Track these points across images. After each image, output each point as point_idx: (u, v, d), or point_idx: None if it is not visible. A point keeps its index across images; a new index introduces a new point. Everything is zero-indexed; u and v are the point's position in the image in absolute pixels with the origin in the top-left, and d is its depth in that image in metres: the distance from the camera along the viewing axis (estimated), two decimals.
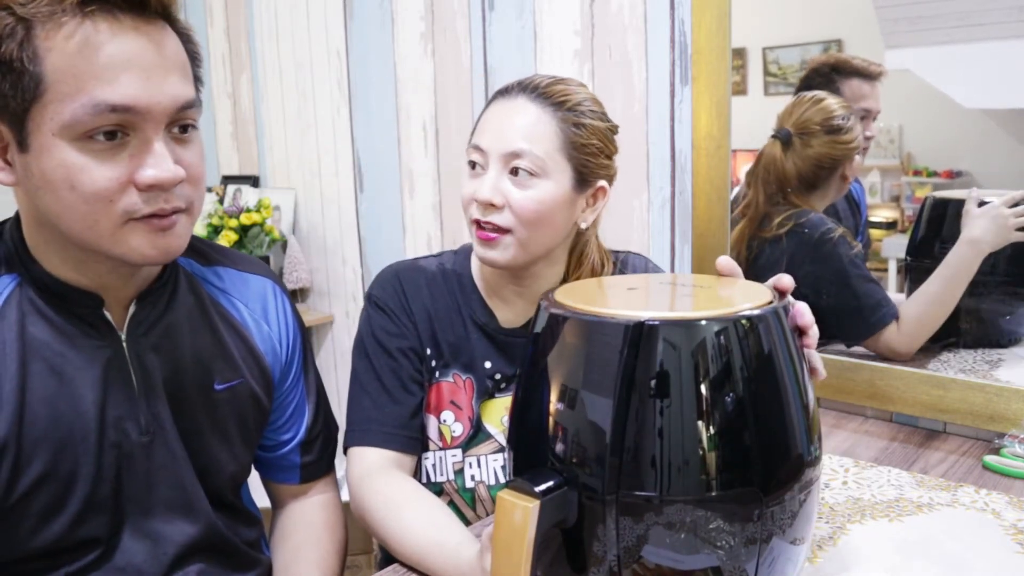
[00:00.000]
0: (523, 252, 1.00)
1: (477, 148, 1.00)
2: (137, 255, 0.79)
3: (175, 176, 0.77)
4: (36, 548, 0.84)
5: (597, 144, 1.00)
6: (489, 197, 0.97)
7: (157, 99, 0.75)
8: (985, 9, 1.14)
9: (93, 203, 0.75)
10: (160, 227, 0.79)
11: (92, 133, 0.74)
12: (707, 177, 1.37)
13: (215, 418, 0.94)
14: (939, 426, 1.24)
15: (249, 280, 1.01)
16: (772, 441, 0.63)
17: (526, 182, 0.97)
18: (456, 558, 0.84)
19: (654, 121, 1.45)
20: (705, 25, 1.33)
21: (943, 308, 1.25)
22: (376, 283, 1.11)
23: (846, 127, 1.30)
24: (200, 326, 0.94)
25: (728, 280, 0.76)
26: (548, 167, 0.97)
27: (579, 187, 1.01)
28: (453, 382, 1.08)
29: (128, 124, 0.75)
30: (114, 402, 0.85)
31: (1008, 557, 0.84)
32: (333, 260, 2.23)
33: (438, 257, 1.14)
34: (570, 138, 0.98)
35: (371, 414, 1.04)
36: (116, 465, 0.86)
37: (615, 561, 0.62)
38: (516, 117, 0.98)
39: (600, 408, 0.61)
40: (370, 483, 0.99)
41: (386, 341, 1.06)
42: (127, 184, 0.76)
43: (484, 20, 1.70)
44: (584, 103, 1.00)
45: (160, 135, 0.77)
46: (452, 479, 1.07)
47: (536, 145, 0.97)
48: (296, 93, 2.21)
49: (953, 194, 1.24)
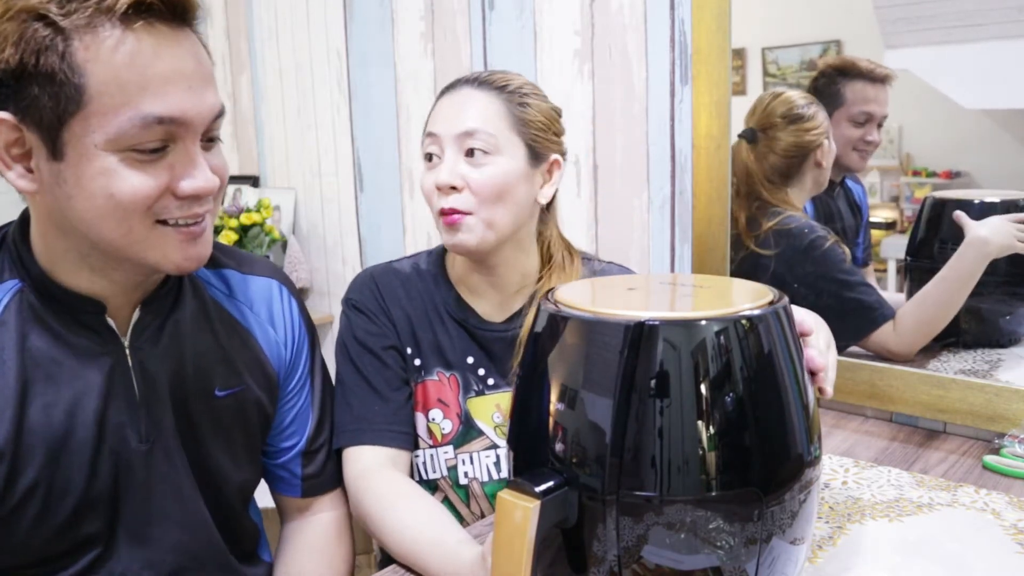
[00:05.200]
0: (490, 232, 1.02)
1: (431, 135, 1.04)
2: (170, 264, 0.80)
3: (213, 186, 0.79)
4: (29, 554, 0.83)
5: (543, 120, 1.05)
6: (448, 180, 1.00)
7: (199, 109, 0.77)
8: (985, 9, 1.14)
9: (130, 210, 0.76)
10: (191, 235, 0.80)
11: (138, 146, 0.74)
12: (707, 177, 1.37)
13: (217, 425, 0.92)
14: (939, 426, 1.24)
15: (255, 282, 1.00)
16: (772, 441, 0.63)
17: (482, 160, 1.01)
18: (455, 557, 0.84)
19: (654, 121, 1.45)
20: (705, 25, 1.33)
21: (945, 311, 1.24)
22: (352, 287, 1.12)
23: (808, 115, 1.31)
24: (203, 331, 0.93)
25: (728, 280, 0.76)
26: (500, 144, 1.01)
27: (533, 161, 1.05)
28: (438, 380, 1.08)
29: (172, 135, 0.76)
30: (115, 409, 0.85)
31: (1008, 557, 0.84)
32: (333, 260, 2.23)
33: (412, 258, 1.16)
34: (517, 115, 1.03)
35: (360, 413, 1.04)
36: (114, 472, 0.85)
37: (615, 561, 0.62)
38: (466, 104, 1.03)
39: (600, 408, 0.61)
40: (366, 482, 0.99)
41: (368, 341, 1.07)
42: (166, 192, 0.77)
43: (484, 20, 1.70)
44: (525, 86, 1.06)
45: (197, 145, 0.78)
46: (446, 476, 1.08)
47: (487, 124, 1.01)
48: (296, 93, 2.21)
49: (953, 194, 1.24)
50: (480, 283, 1.09)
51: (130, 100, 0.73)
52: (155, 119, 0.74)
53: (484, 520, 1.04)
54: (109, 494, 0.85)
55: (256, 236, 2.20)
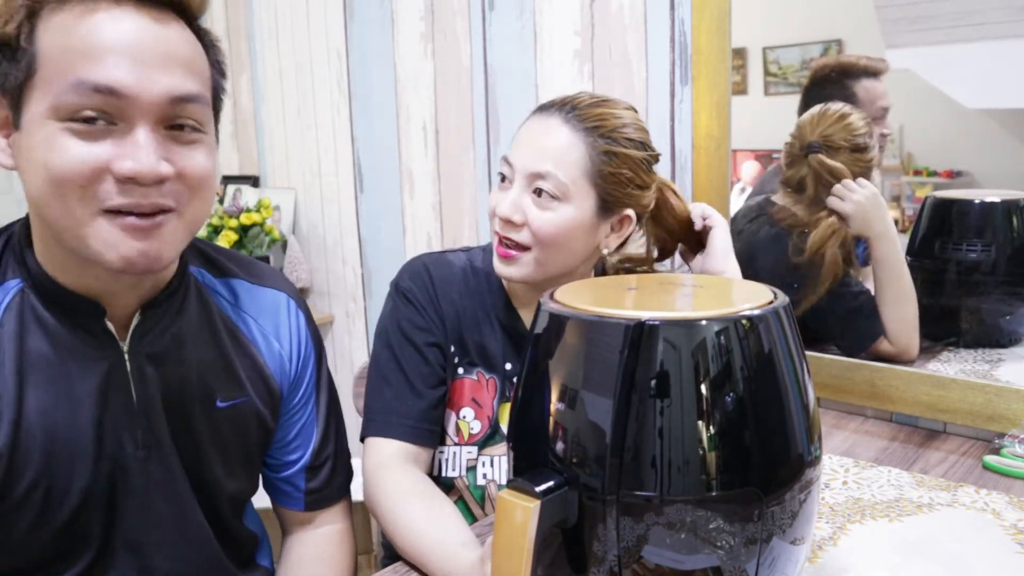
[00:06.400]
0: (540, 270, 0.99)
1: (507, 162, 1.00)
2: (114, 255, 0.75)
3: (154, 171, 0.73)
4: (27, 557, 0.83)
5: (627, 174, 0.98)
6: (508, 214, 0.98)
7: (146, 86, 0.73)
8: (985, 9, 1.14)
9: (64, 186, 0.72)
10: (138, 227, 0.75)
11: (74, 114, 0.72)
12: (707, 177, 1.37)
13: (215, 436, 0.91)
14: (939, 426, 1.24)
15: (263, 294, 0.97)
16: (772, 441, 0.63)
17: (547, 204, 0.97)
18: (456, 559, 0.84)
19: (654, 121, 1.45)
20: (705, 25, 1.33)
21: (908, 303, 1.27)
22: (405, 273, 1.09)
23: (869, 145, 1.29)
24: (206, 340, 0.90)
25: (728, 280, 0.76)
26: (570, 192, 0.96)
27: (602, 214, 0.99)
28: (477, 380, 1.07)
29: (114, 110, 0.73)
30: (112, 415, 0.83)
31: (1008, 557, 0.84)
32: (333, 260, 2.23)
33: (467, 252, 1.13)
34: (598, 166, 0.97)
35: (392, 405, 1.03)
36: (111, 478, 0.84)
37: (615, 561, 0.62)
38: (547, 137, 0.97)
39: (600, 408, 0.61)
40: (384, 475, 0.98)
41: (412, 334, 1.05)
42: (103, 172, 0.73)
43: (484, 20, 1.70)
44: (621, 129, 0.98)
45: (148, 127, 0.74)
46: (464, 475, 1.07)
47: (561, 169, 0.96)
48: (296, 93, 2.21)
49: (953, 194, 1.24)
50: (530, 296, 1.08)
51: (72, 65, 0.72)
52: (90, 85, 0.71)
53: (485, 520, 1.04)
54: (107, 498, 0.84)
55: (256, 236, 2.20)
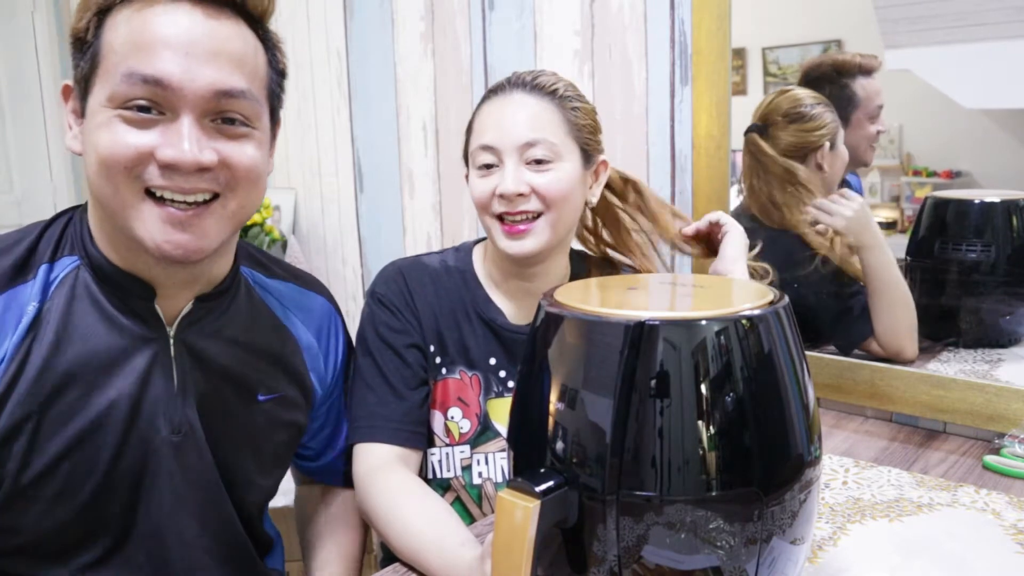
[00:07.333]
0: (553, 234, 1.03)
1: (487, 148, 1.02)
2: (151, 242, 0.78)
3: (194, 159, 0.77)
4: (42, 536, 0.83)
5: (591, 123, 1.07)
6: (515, 188, 1.00)
7: (190, 79, 0.76)
8: (985, 9, 1.14)
9: (111, 168, 0.77)
10: (176, 217, 0.78)
11: (127, 103, 0.76)
12: (707, 177, 1.37)
13: (251, 430, 0.93)
14: (939, 426, 1.24)
15: (311, 299, 1.03)
16: (772, 441, 0.63)
17: (545, 168, 1.01)
18: (455, 559, 0.84)
19: (654, 121, 1.45)
20: (705, 25, 1.33)
21: (902, 309, 1.27)
22: (380, 280, 1.11)
23: (811, 114, 1.29)
24: (253, 335, 0.93)
25: (728, 280, 0.76)
26: (561, 151, 1.02)
27: (586, 164, 1.06)
28: (460, 379, 1.08)
29: (162, 100, 0.77)
30: (151, 396, 0.85)
31: (1008, 557, 0.84)
32: (333, 260, 2.22)
33: (439, 254, 1.15)
34: (572, 121, 1.04)
35: (376, 410, 1.04)
36: (141, 459, 0.85)
37: (615, 561, 0.62)
38: (522, 111, 1.03)
39: (600, 408, 0.61)
40: (375, 479, 0.99)
41: (390, 338, 1.06)
42: (148, 157, 0.77)
43: (484, 20, 1.70)
44: (569, 88, 1.06)
45: (192, 118, 0.77)
46: (460, 475, 1.07)
47: (548, 132, 1.02)
48: (296, 93, 2.21)
49: (953, 194, 1.24)
50: (514, 287, 1.10)
51: (126, 57, 0.76)
52: (140, 76, 0.76)
53: (485, 520, 1.04)
54: (132, 480, 0.85)
55: (256, 236, 2.20)
